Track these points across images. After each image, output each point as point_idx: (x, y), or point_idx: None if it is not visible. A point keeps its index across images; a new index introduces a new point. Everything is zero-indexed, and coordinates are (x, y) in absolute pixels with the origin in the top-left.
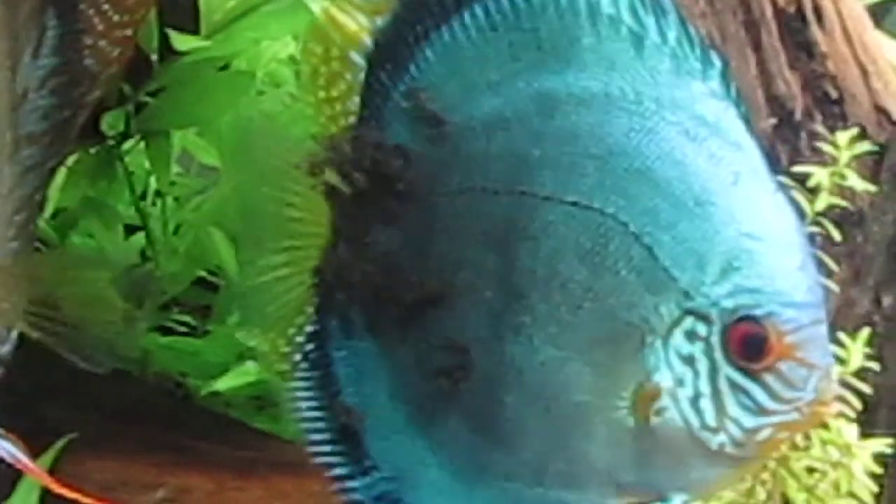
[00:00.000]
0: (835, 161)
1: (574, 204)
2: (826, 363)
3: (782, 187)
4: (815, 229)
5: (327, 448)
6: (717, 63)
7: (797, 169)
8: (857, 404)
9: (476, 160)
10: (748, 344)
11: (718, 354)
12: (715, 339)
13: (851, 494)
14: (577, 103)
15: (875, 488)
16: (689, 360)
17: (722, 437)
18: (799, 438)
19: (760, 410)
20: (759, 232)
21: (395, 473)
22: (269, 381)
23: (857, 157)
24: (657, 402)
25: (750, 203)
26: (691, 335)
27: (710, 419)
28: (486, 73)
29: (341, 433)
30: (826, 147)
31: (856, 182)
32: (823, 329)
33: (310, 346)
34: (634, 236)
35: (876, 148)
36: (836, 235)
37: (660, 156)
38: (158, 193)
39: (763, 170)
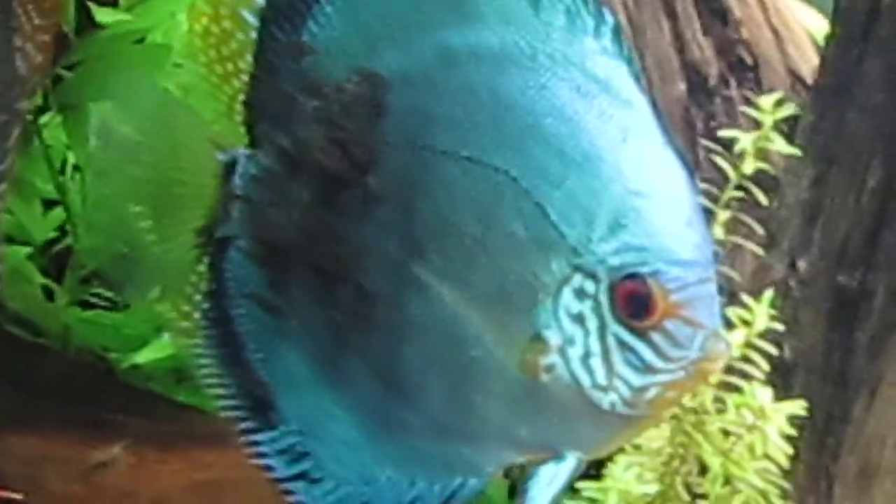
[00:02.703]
0: (759, 125)
1: (469, 159)
2: (713, 322)
3: (672, 145)
4: (739, 194)
5: (233, 403)
6: (610, 20)
7: (723, 133)
8: (765, 366)
9: (380, 115)
10: (633, 302)
11: (606, 312)
12: (603, 297)
13: (766, 457)
14: (475, 58)
15: (790, 450)
16: (579, 319)
17: (612, 397)
18: (710, 402)
19: (647, 369)
20: (647, 189)
21: (303, 427)
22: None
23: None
24: (546, 360)
25: (638, 160)
26: (580, 293)
27: (601, 378)
28: (389, 27)
29: (246, 389)
30: (750, 111)
31: (781, 146)
32: (711, 288)
33: (207, 305)
34: (525, 192)
35: (798, 112)
36: (763, 199)
37: (551, 112)
38: (77, 167)
39: (653, 127)
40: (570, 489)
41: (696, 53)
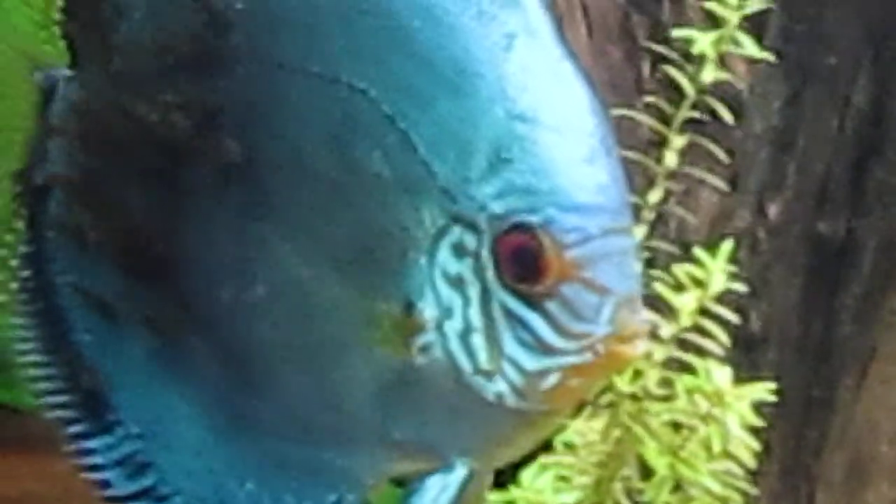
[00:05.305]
0: (721, 23)
1: (318, 76)
2: (626, 287)
3: (572, 55)
4: (696, 115)
5: (59, 399)
6: None
7: (676, 34)
8: (725, 339)
9: (214, 26)
10: (520, 260)
11: (490, 274)
12: (485, 255)
13: (727, 455)
14: None
15: (756, 445)
16: (458, 283)
17: (500, 385)
18: (655, 386)
19: (543, 348)
20: (537, 113)
21: (143, 429)
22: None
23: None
24: (420, 337)
25: (526, 74)
26: (459, 249)
27: (484, 360)
28: None
29: (74, 379)
30: (711, 6)
31: (752, 49)
32: (623, 242)
33: (26, 273)
34: (388, 118)
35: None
36: (728, 117)
37: (417, 13)
38: None
39: (547, 32)
40: None
41: None
